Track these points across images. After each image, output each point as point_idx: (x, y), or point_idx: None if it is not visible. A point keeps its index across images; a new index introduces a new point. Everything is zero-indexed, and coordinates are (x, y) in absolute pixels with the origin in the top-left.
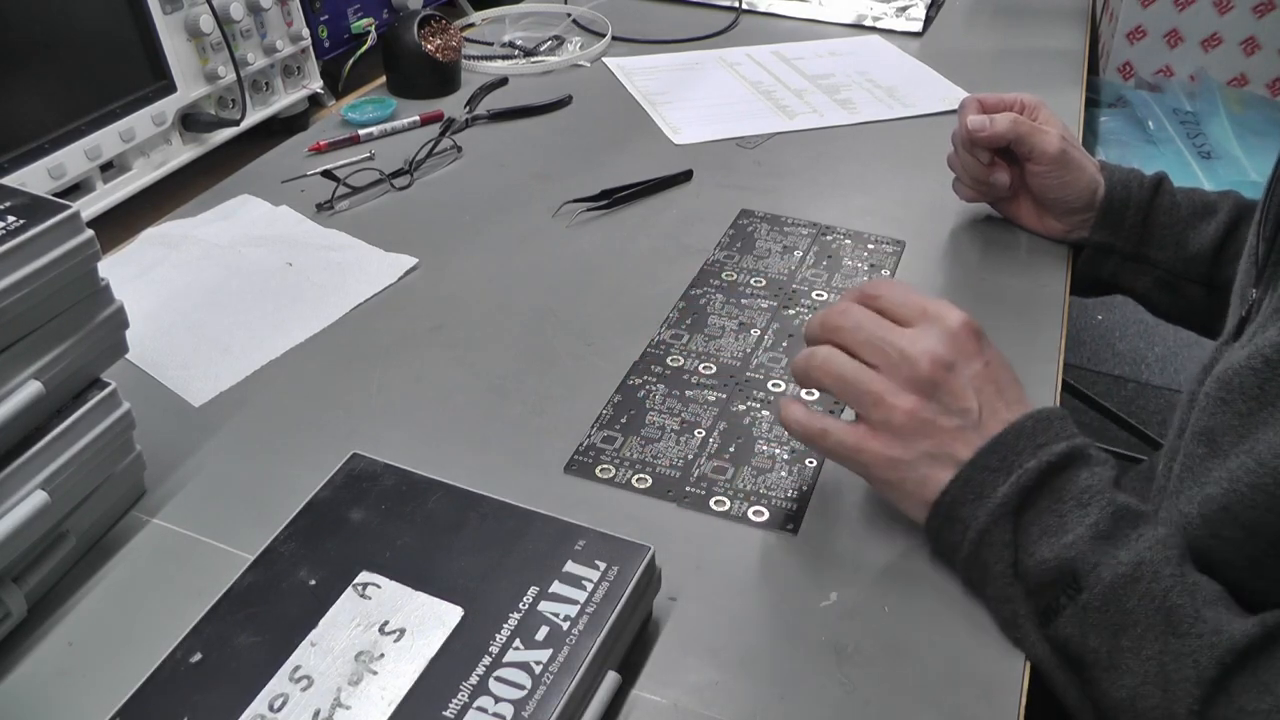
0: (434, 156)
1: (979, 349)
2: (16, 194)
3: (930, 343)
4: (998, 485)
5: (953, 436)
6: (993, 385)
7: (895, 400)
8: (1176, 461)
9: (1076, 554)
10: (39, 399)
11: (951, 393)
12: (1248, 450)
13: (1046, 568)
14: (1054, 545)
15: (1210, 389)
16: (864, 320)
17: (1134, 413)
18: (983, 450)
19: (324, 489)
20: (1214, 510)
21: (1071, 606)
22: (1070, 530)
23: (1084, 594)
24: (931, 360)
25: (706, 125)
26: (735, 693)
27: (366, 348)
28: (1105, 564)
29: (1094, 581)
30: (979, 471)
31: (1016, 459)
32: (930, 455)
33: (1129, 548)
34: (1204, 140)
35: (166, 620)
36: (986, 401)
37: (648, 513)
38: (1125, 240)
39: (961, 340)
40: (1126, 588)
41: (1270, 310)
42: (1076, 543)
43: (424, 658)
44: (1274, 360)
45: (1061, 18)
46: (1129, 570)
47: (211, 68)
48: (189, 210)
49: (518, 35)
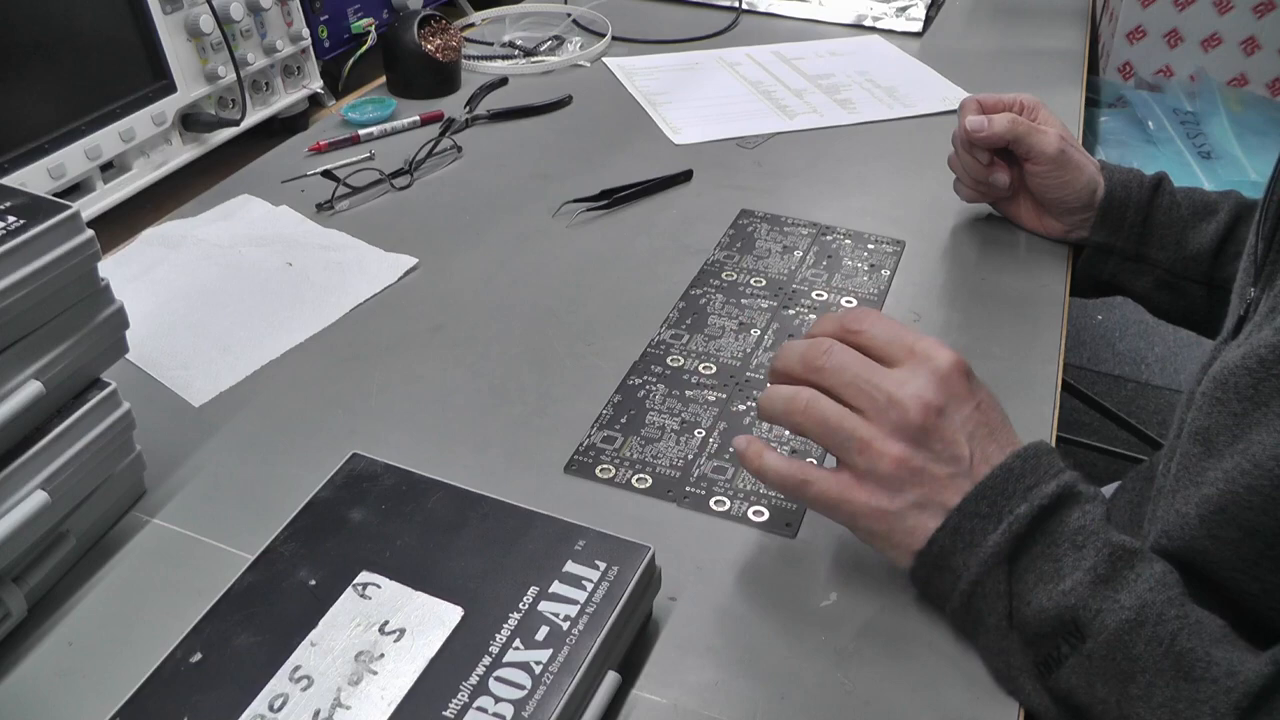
0: (434, 156)
1: (970, 391)
2: (16, 194)
3: (919, 386)
4: (988, 533)
5: (943, 485)
6: (985, 429)
7: (883, 448)
8: (1174, 461)
9: (1076, 601)
10: (39, 399)
11: (943, 439)
12: (1242, 451)
13: (1045, 617)
14: (1051, 593)
15: (1206, 388)
16: (848, 361)
17: (1134, 413)
18: (970, 496)
19: (324, 489)
20: (1211, 511)
21: (1075, 656)
22: (1067, 576)
23: (1088, 643)
24: (922, 405)
25: (706, 125)
26: (735, 693)
27: (366, 348)
28: (1108, 610)
29: (1098, 629)
30: (968, 519)
31: (1006, 504)
32: (919, 505)
33: (1129, 590)
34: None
35: (166, 620)
36: (978, 446)
37: (648, 513)
38: (1125, 240)
39: (952, 382)
40: (1132, 633)
41: (1267, 309)
42: (1075, 589)
43: (424, 658)
44: (1268, 360)
45: (1061, 18)
46: (1133, 615)
47: (211, 68)
48: (189, 210)
49: (518, 35)
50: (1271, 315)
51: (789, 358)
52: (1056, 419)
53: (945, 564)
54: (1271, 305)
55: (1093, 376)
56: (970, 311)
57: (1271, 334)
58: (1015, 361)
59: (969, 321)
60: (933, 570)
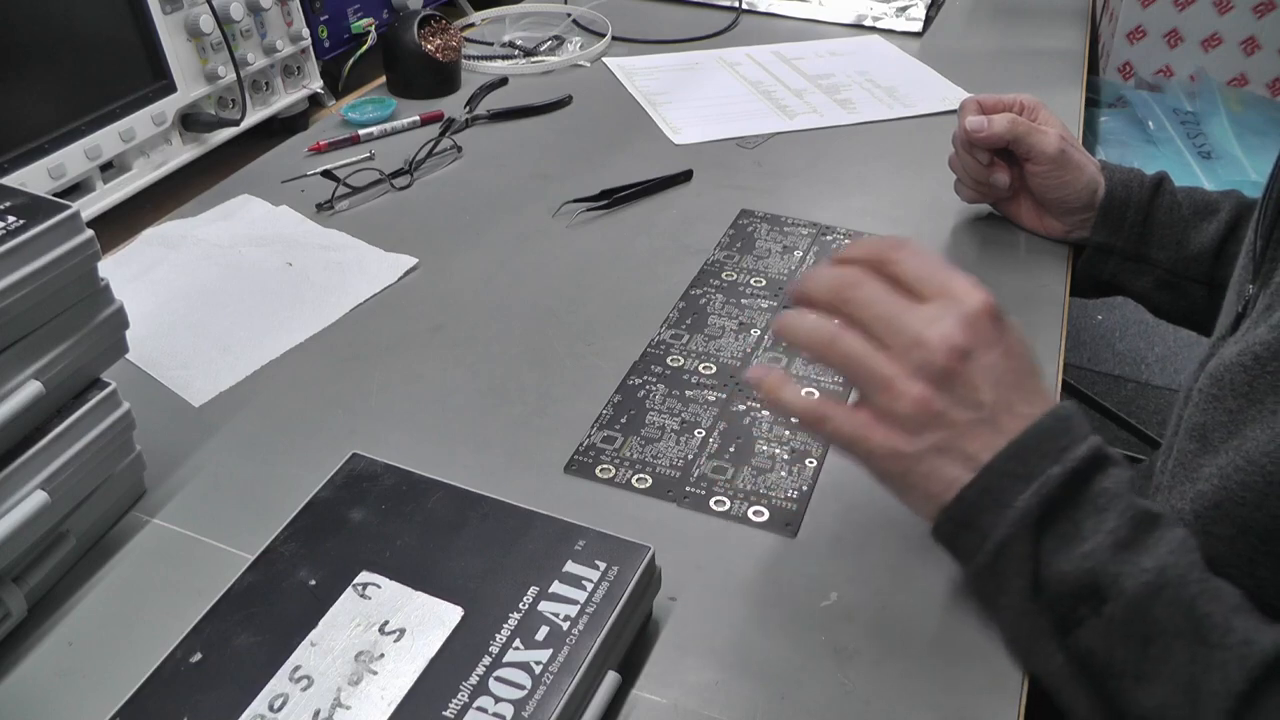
0: (434, 156)
1: (999, 335)
2: (16, 194)
3: (947, 327)
4: (1019, 493)
5: (964, 431)
6: (1011, 376)
7: (904, 388)
8: (1170, 458)
9: (1096, 564)
10: (39, 399)
11: (967, 384)
12: (1237, 447)
13: (1066, 580)
14: (1072, 557)
15: (1203, 385)
16: (877, 295)
17: (1134, 413)
18: (1003, 454)
19: (324, 489)
20: (1206, 507)
21: (1094, 619)
22: (1088, 539)
23: (1108, 605)
24: (948, 347)
25: (706, 125)
26: (735, 693)
27: (366, 348)
28: (1127, 573)
29: (1117, 593)
30: (999, 478)
31: (1039, 464)
32: (938, 449)
33: (1150, 553)
34: (1204, 140)
35: (166, 620)
36: (1002, 394)
37: (648, 513)
38: (1126, 240)
39: (981, 325)
40: (1152, 596)
41: (1264, 307)
42: (1096, 552)
43: (424, 658)
44: (1264, 358)
45: (1061, 18)
46: (1153, 578)
47: (211, 68)
48: (189, 210)
49: (518, 35)
50: (1268, 312)
51: (817, 285)
52: None
53: (973, 522)
54: (1268, 303)
55: (1093, 376)
56: None
57: (1267, 331)
58: None
59: None
60: (959, 528)
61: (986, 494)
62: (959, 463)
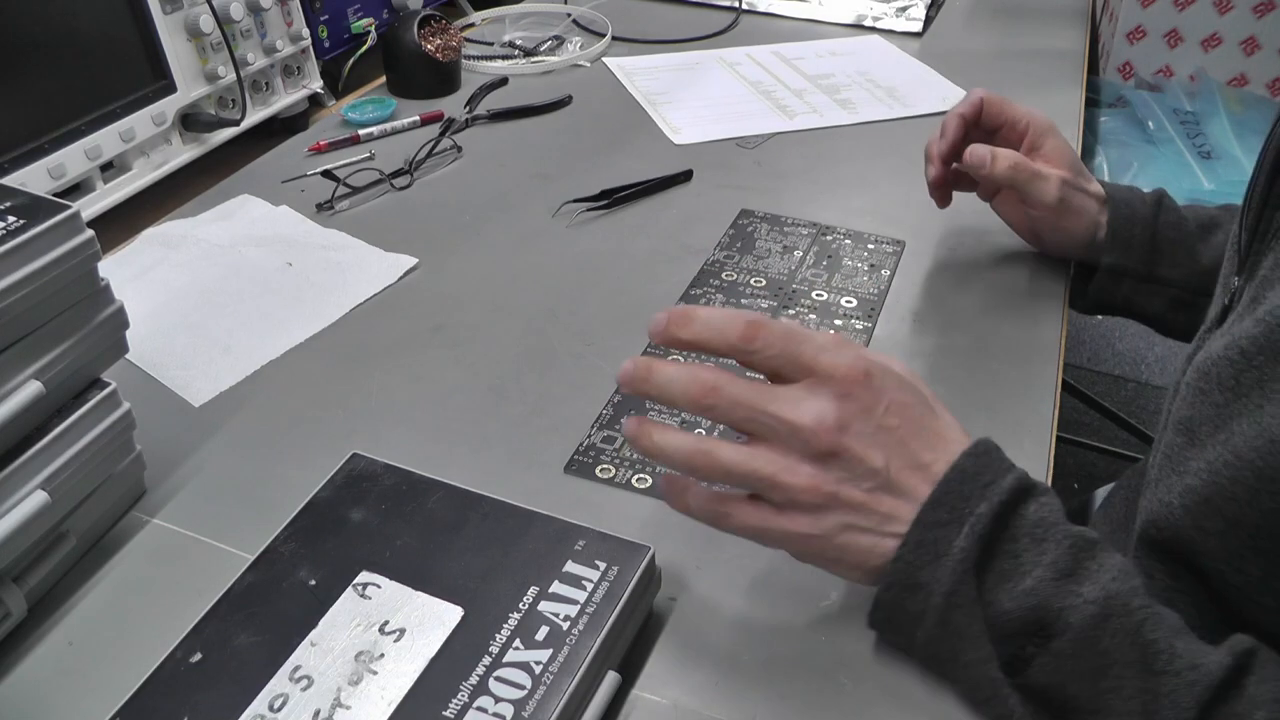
0: (434, 156)
1: (875, 394)
2: (16, 194)
3: (818, 406)
4: (952, 539)
5: (864, 501)
6: (901, 430)
7: (791, 479)
8: (1159, 452)
9: (1039, 600)
10: (39, 399)
11: (852, 456)
12: (1224, 442)
13: (1010, 619)
14: (1013, 593)
15: (1190, 379)
16: (738, 396)
17: (1134, 413)
18: (927, 505)
19: (324, 489)
20: (1195, 502)
21: (1042, 655)
22: (1029, 573)
23: (1054, 641)
24: (822, 428)
25: (706, 125)
26: (735, 693)
27: (366, 348)
28: (1072, 606)
29: (1063, 628)
30: (929, 530)
31: (965, 505)
32: (845, 526)
33: (1093, 581)
34: (1204, 140)
35: (166, 620)
36: (895, 453)
37: (648, 513)
38: (1138, 261)
39: (854, 392)
40: (1098, 627)
41: (1249, 300)
42: (1038, 587)
43: (424, 658)
44: (1249, 351)
45: (1061, 18)
46: (1099, 609)
47: (211, 68)
48: (189, 210)
49: (518, 35)
50: (1253, 305)
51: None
52: (1056, 419)
53: (913, 580)
54: (1253, 296)
55: (1093, 376)
56: (970, 311)
57: (1253, 325)
58: (1015, 361)
59: (969, 321)
60: (902, 592)
61: (921, 549)
62: (870, 531)
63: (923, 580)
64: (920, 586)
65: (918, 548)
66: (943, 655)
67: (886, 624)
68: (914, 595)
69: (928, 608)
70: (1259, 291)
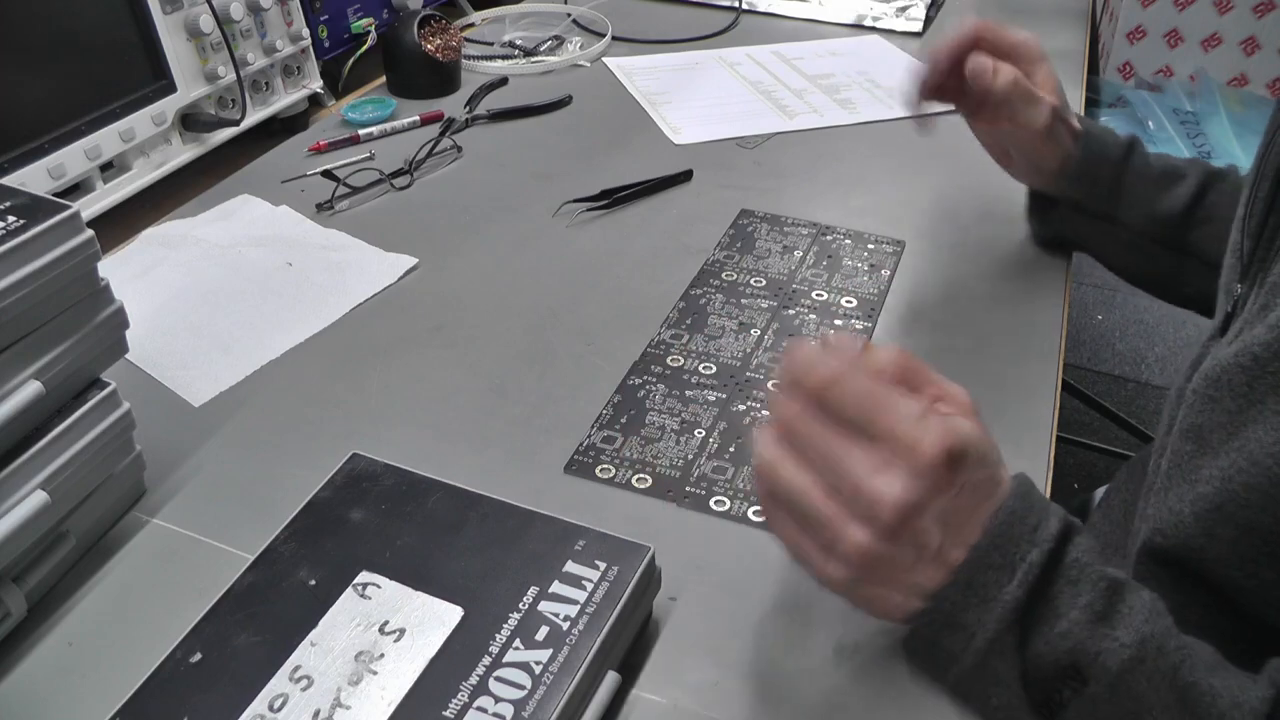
0: (434, 156)
1: (952, 480)
2: (16, 194)
3: (898, 486)
4: (1003, 585)
5: (908, 569)
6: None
7: (844, 532)
8: (1165, 458)
9: (1075, 643)
10: (39, 399)
11: (915, 533)
12: (1238, 449)
13: (1044, 662)
14: (1050, 637)
15: (1198, 386)
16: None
17: (1134, 413)
18: (982, 548)
19: (324, 489)
20: (1207, 509)
21: (1078, 699)
22: (1064, 615)
23: (1090, 686)
24: (898, 507)
25: (706, 125)
26: (735, 693)
27: (366, 348)
28: (1107, 650)
29: (1099, 671)
30: (980, 571)
31: (1016, 550)
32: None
33: (1126, 624)
34: (1204, 140)
35: (166, 620)
36: (952, 533)
37: (648, 513)
38: (1097, 200)
39: (936, 477)
40: (1133, 671)
41: (1257, 307)
42: (1073, 630)
43: (424, 658)
44: (1263, 358)
45: (1061, 18)
46: (1134, 652)
47: (211, 68)
48: (189, 210)
49: (518, 35)
50: (1263, 312)
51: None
52: (1056, 419)
53: (956, 620)
54: (1263, 303)
55: (1093, 376)
56: (970, 311)
57: (1265, 331)
58: (1015, 361)
59: (969, 321)
60: (941, 630)
61: (970, 590)
62: (902, 592)
63: (966, 621)
64: (963, 627)
65: (967, 589)
66: (973, 694)
67: (916, 655)
68: (954, 634)
69: (968, 649)
70: (1269, 298)
